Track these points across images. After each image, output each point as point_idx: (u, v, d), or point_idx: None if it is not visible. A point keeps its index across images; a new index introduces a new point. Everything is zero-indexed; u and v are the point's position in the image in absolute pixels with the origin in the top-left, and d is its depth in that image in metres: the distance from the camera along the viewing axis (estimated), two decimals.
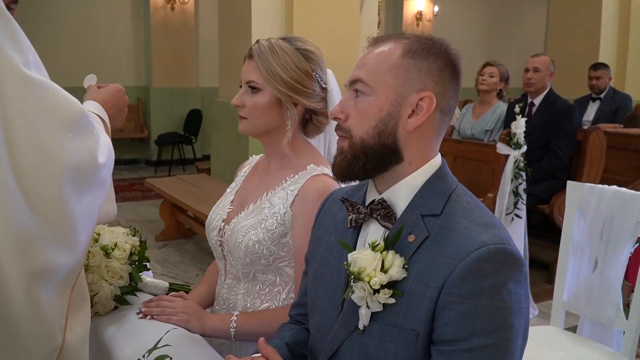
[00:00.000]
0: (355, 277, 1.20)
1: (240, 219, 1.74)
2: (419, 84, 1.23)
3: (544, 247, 5.20)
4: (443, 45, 1.27)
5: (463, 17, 13.03)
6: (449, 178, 1.28)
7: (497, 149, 4.25)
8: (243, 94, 1.73)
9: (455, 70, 1.27)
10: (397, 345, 1.18)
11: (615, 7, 7.82)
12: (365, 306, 1.21)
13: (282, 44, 1.70)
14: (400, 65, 1.23)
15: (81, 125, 1.35)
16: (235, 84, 6.04)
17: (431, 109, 1.23)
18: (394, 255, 1.20)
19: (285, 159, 1.77)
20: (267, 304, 1.74)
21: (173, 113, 10.59)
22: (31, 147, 1.25)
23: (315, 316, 1.40)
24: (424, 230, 1.20)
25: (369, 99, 1.25)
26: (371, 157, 1.25)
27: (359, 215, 1.29)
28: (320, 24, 5.57)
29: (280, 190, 1.72)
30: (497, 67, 5.28)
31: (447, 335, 1.13)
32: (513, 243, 1.18)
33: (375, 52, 1.27)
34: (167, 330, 1.53)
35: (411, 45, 1.25)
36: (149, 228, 6.42)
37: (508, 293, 1.12)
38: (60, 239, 1.31)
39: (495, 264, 1.12)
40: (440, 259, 1.16)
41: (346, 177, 1.29)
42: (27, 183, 1.25)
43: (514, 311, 1.13)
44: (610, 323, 2.44)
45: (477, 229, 1.17)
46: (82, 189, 1.34)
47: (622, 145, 5.04)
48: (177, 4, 10.20)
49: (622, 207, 2.41)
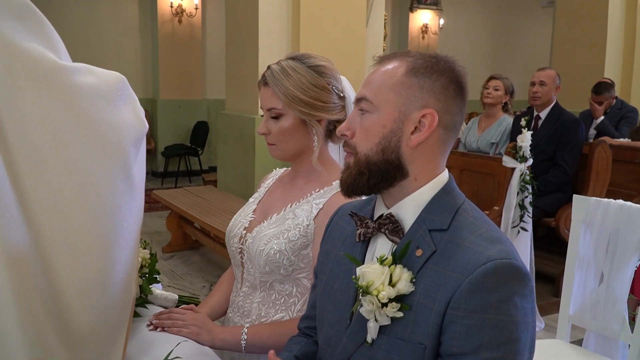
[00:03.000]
0: (364, 290, 1.22)
1: (263, 227, 1.76)
2: (421, 101, 1.25)
3: (549, 260, 5.19)
4: (447, 62, 1.28)
5: (469, 30, 13.08)
6: (456, 193, 1.30)
7: (503, 162, 4.26)
8: (267, 121, 1.75)
9: (460, 87, 1.29)
10: (405, 358, 1.20)
11: (621, 20, 7.83)
12: (373, 319, 1.23)
13: (293, 65, 1.72)
14: (403, 83, 1.26)
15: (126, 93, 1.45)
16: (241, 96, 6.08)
17: (433, 125, 1.25)
18: (401, 269, 1.21)
19: (311, 173, 1.79)
20: (281, 314, 1.75)
21: (180, 125, 10.63)
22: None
23: (323, 329, 1.42)
24: (431, 245, 1.22)
25: (372, 117, 1.27)
26: (375, 172, 1.27)
27: (367, 230, 1.31)
28: (327, 37, 5.61)
29: (305, 203, 1.74)
30: (502, 80, 5.30)
31: (454, 349, 1.15)
32: (519, 258, 1.19)
33: (381, 71, 1.30)
34: (178, 342, 1.54)
35: (414, 63, 1.27)
36: (155, 239, 6.44)
37: (514, 307, 1.14)
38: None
39: (502, 279, 1.14)
40: (448, 274, 1.17)
41: (352, 192, 1.31)
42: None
43: (520, 325, 1.14)
44: (616, 336, 2.45)
45: (483, 244, 1.18)
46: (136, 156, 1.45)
47: (628, 159, 5.05)
48: (184, 17, 10.27)
49: (628, 221, 2.42)
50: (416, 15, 12.20)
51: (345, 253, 1.35)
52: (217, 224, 4.68)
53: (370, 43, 6.13)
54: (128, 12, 10.32)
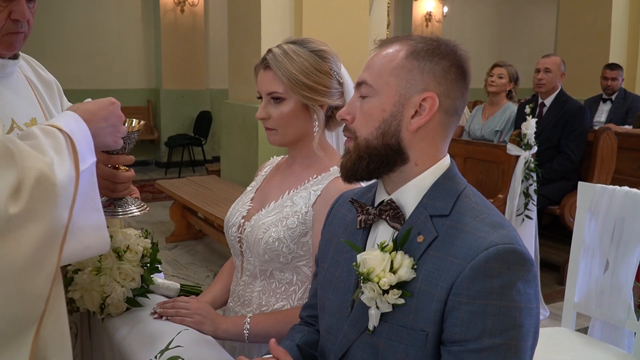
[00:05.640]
0: (365, 277, 1.21)
1: (261, 216, 1.75)
2: (421, 84, 1.23)
3: (554, 248, 5.18)
4: (449, 46, 1.27)
5: (472, 17, 13.01)
6: (457, 179, 1.28)
7: (508, 150, 4.24)
8: (266, 105, 1.72)
9: (462, 71, 1.27)
10: (407, 346, 1.19)
11: (626, 7, 7.78)
12: (374, 307, 1.22)
13: (295, 49, 1.69)
14: (403, 67, 1.24)
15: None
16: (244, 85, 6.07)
17: (434, 110, 1.23)
18: (402, 255, 1.20)
19: (308, 159, 1.77)
20: (282, 302, 1.74)
21: (183, 115, 10.62)
22: None
23: (325, 317, 1.41)
24: (433, 231, 1.20)
25: (372, 101, 1.26)
26: (375, 157, 1.25)
27: (368, 217, 1.30)
28: (330, 25, 5.58)
29: (303, 189, 1.73)
30: (506, 67, 5.27)
31: (457, 335, 1.14)
32: (522, 243, 1.18)
33: (381, 55, 1.28)
34: (179, 331, 1.54)
35: (415, 47, 1.25)
36: (159, 229, 6.45)
37: (517, 293, 1.12)
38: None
39: (504, 264, 1.12)
40: (449, 260, 1.16)
41: (351, 177, 1.30)
42: None
43: (523, 311, 1.13)
44: (621, 324, 2.43)
45: (485, 229, 1.17)
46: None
47: (633, 146, 5.02)
48: (186, 6, 10.24)
49: (633, 208, 2.40)
50: (420, 3, 12.14)
51: (345, 240, 1.34)
52: (221, 213, 4.68)
53: (373, 31, 6.09)
54: (130, 2, 10.30)
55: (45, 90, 1.89)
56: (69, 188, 1.25)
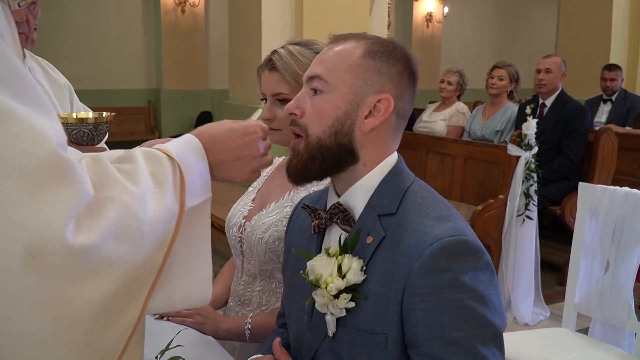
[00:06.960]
0: (313, 284, 1.20)
1: (262, 216, 1.75)
2: (377, 85, 1.23)
3: (555, 249, 5.18)
4: (403, 49, 1.27)
5: (473, 18, 13.00)
6: (404, 175, 1.27)
7: (508, 150, 4.24)
8: (271, 106, 1.71)
9: (413, 75, 1.27)
10: (368, 349, 1.18)
11: (626, 8, 7.78)
12: (329, 313, 1.20)
13: (301, 50, 1.69)
14: (361, 65, 1.23)
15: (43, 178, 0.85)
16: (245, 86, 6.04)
17: (388, 111, 1.23)
18: (350, 258, 1.19)
19: None
20: None
21: (184, 115, 10.60)
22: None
23: (292, 326, 1.39)
24: (381, 231, 1.19)
25: (326, 97, 1.24)
26: (328, 157, 1.24)
27: (320, 221, 1.29)
28: (330, 25, 5.53)
29: (303, 190, 1.72)
30: (506, 68, 5.26)
31: (420, 336, 1.12)
32: (470, 233, 1.17)
33: (336, 50, 1.27)
34: (179, 331, 1.54)
35: (372, 46, 1.25)
36: None
37: (470, 282, 1.11)
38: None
39: (451, 257, 1.11)
40: (398, 259, 1.15)
41: (302, 179, 1.28)
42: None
43: (479, 299, 1.11)
44: (622, 325, 2.43)
45: (430, 223, 1.16)
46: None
47: (634, 147, 5.02)
48: (187, 6, 10.23)
49: (634, 209, 2.40)
50: (420, 3, 12.12)
51: (295, 249, 1.33)
52: (221, 214, 4.67)
53: (374, 31, 6.03)
54: (131, 2, 10.29)
55: (54, 92, 1.88)
56: (165, 227, 1.00)
